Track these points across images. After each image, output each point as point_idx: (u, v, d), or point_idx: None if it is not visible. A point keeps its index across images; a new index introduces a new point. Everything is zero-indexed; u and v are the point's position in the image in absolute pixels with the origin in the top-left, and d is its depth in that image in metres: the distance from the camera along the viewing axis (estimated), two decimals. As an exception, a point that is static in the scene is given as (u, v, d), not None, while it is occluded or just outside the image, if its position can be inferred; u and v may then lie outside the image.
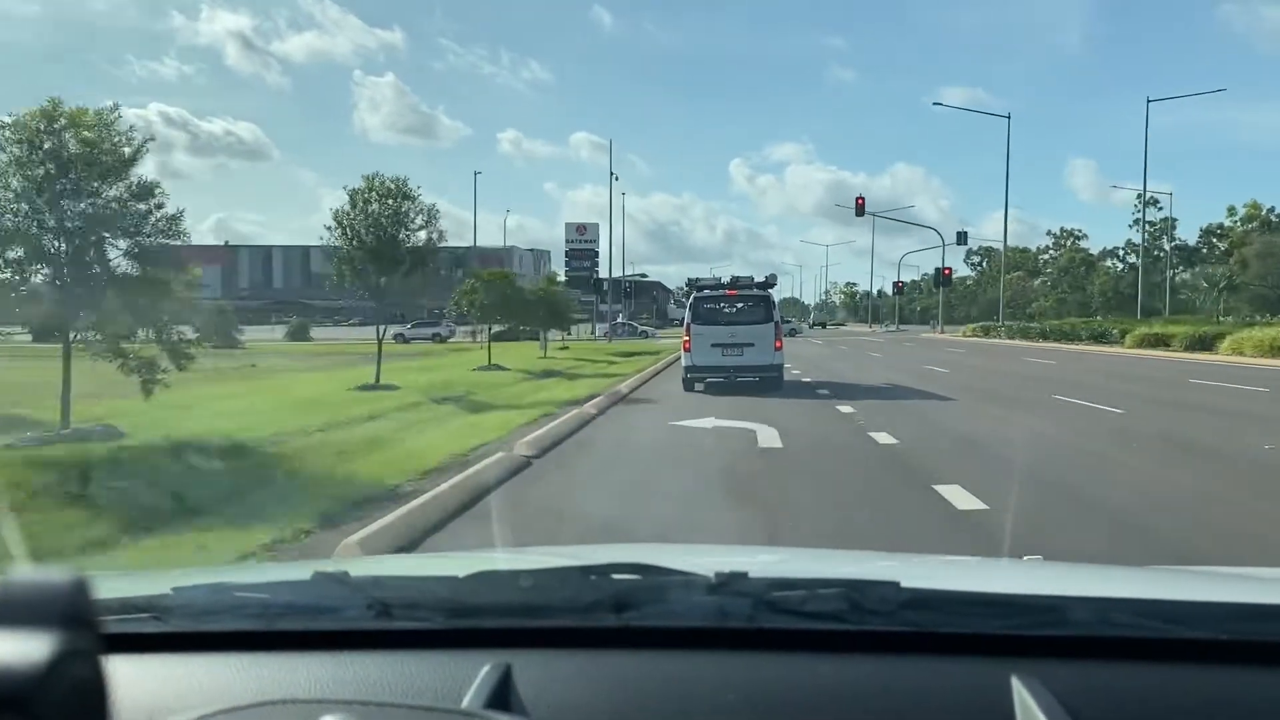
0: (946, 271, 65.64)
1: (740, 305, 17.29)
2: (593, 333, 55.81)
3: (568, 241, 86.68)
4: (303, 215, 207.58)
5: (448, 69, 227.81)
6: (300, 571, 1.33)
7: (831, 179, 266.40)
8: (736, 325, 16.96)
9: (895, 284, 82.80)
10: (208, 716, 0.80)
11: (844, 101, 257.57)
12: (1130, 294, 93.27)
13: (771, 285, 17.85)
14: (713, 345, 16.76)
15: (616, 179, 51.29)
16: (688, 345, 17.01)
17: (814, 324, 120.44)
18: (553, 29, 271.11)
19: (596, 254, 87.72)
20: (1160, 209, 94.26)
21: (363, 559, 4.28)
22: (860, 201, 52.91)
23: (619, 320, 71.24)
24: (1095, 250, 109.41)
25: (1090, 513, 6.49)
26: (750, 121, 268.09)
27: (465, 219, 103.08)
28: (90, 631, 0.64)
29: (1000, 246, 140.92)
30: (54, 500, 6.05)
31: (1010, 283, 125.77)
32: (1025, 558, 4.25)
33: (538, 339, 34.85)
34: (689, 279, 20.24)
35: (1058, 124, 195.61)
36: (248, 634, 1.15)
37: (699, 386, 16.92)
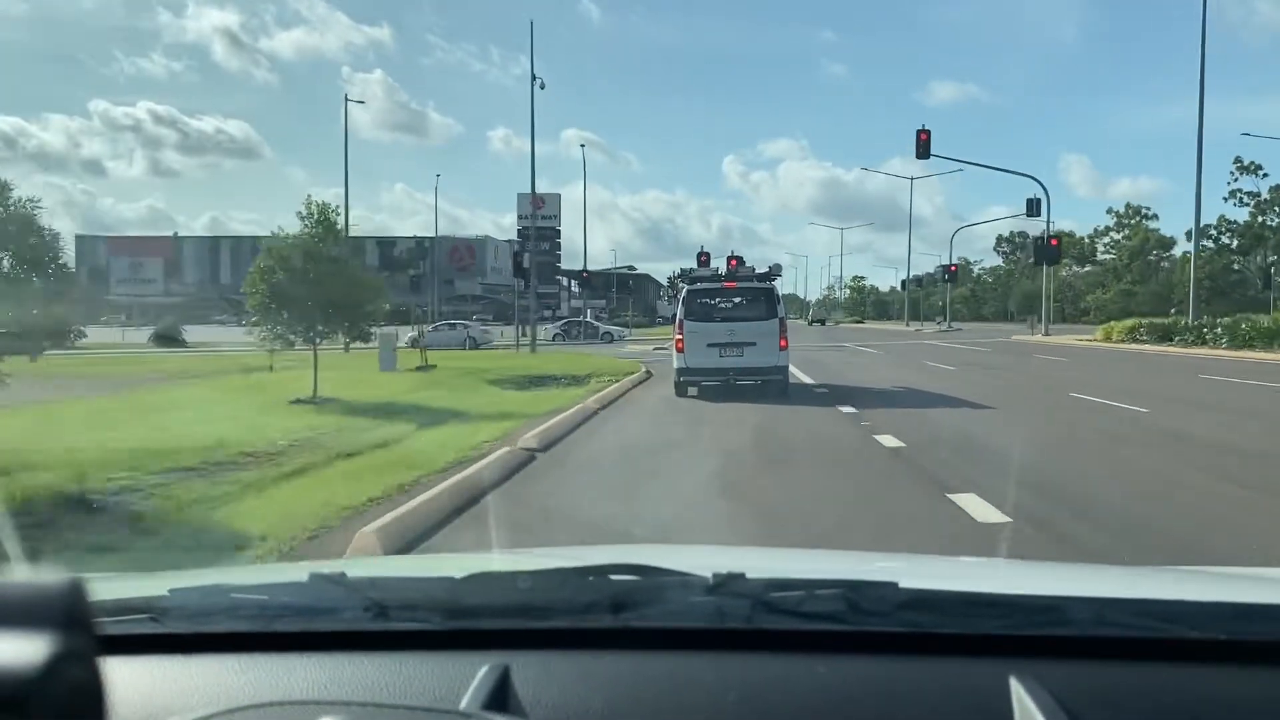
0: (1054, 241, 40.28)
1: (740, 299, 15.08)
2: (520, 335, 36.00)
3: (520, 217, 67.99)
4: (293, 212, 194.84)
5: (437, 66, 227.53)
6: (297, 573, 1.32)
7: (826, 176, 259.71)
8: (735, 322, 14.79)
9: (947, 268, 62.50)
10: (205, 718, 0.80)
11: (837, 97, 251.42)
12: (1225, 284, 74.84)
13: (775, 276, 15.74)
14: (709, 345, 14.64)
15: (543, 86, 33.13)
16: (681, 345, 14.90)
17: (812, 320, 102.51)
18: (542, 25, 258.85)
19: (558, 233, 69.32)
20: (1264, 175, 76.08)
21: (360, 560, 4.12)
22: (924, 136, 35.33)
23: (583, 318, 52.76)
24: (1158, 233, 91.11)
25: None
26: (743, 118, 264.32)
27: (458, 216, 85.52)
28: (87, 633, 0.64)
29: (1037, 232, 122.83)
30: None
31: (1056, 272, 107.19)
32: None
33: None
34: (681, 269, 17.21)
35: (1052, 119, 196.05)
36: (245, 635, 1.14)
37: (692, 391, 14.80)
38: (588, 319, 50.99)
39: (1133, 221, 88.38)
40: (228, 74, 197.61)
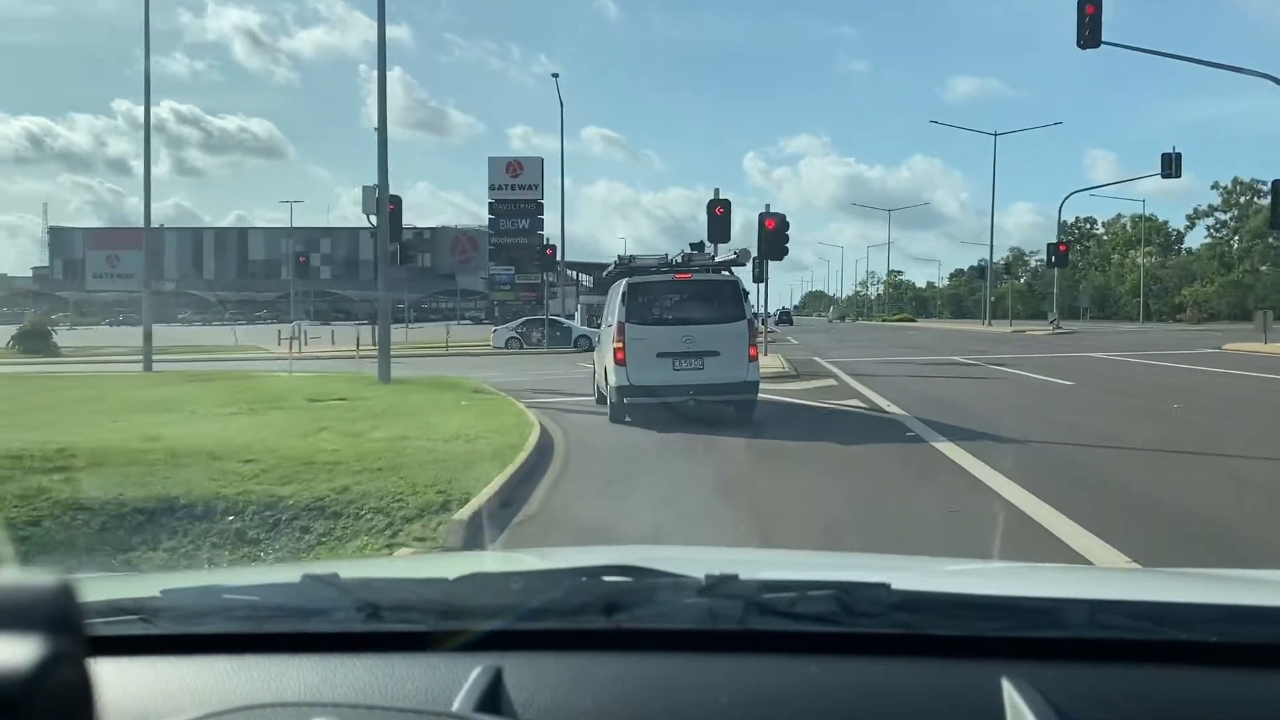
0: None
1: (696, 296, 11.57)
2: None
3: (492, 189, 54.44)
4: (319, 210, 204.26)
5: (455, 64, 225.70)
6: (289, 574, 1.31)
7: (848, 172, 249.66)
8: (692, 325, 11.36)
9: (1056, 246, 44.96)
10: (196, 719, 0.79)
11: (859, 93, 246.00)
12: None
13: (740, 264, 12.47)
14: (659, 355, 11.25)
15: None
16: (620, 355, 11.24)
17: (833, 318, 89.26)
18: (561, 23, 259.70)
19: (540, 207, 55.84)
20: None
21: (352, 561, 4.08)
22: (1090, 10, 22.17)
23: (546, 315, 38.94)
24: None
25: None
26: (763, 114, 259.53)
27: (479, 214, 74.89)
28: (77, 635, 0.63)
29: (1105, 217, 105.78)
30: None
31: (1133, 263, 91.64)
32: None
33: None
34: (619, 256, 13.20)
35: (1076, 115, 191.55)
36: (236, 636, 1.13)
37: (629, 418, 11.27)
38: (557, 316, 37.26)
39: (1241, 199, 73.27)
40: (249, 73, 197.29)
